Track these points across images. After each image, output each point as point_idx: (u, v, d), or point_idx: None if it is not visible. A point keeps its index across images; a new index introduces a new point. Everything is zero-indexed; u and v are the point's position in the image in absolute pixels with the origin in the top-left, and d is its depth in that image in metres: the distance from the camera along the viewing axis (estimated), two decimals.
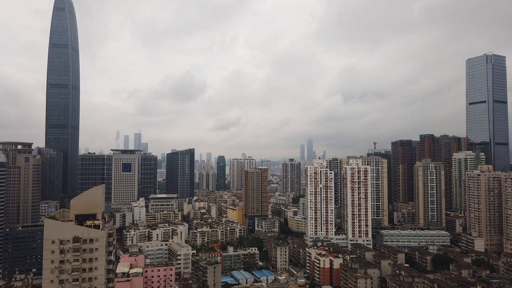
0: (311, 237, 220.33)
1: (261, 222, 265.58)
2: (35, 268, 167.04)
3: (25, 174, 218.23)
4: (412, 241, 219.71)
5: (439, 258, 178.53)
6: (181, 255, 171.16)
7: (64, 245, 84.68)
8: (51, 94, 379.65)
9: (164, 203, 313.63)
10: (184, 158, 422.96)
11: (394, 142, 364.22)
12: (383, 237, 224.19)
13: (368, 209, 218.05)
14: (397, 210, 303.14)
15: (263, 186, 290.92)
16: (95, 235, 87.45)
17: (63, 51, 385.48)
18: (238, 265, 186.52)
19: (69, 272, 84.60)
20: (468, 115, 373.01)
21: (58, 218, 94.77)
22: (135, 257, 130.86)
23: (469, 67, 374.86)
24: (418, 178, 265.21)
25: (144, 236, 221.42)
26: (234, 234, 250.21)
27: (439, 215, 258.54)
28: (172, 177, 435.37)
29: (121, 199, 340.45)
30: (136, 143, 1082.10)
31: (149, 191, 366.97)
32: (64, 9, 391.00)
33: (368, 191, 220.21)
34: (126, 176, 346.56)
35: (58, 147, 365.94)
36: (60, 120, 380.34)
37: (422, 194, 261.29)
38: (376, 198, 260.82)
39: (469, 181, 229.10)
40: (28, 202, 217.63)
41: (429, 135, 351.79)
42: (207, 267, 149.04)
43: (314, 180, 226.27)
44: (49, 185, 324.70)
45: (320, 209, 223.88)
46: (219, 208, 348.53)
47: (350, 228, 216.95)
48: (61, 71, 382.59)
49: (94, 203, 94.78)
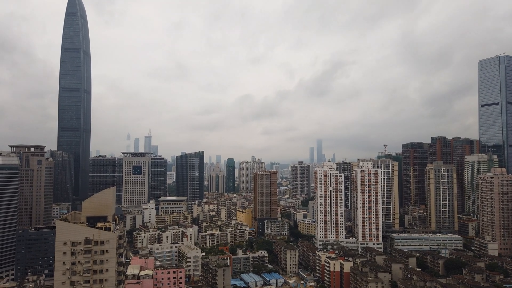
0: (321, 240, 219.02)
1: (271, 225, 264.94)
2: (47, 270, 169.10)
3: (38, 177, 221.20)
4: (423, 245, 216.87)
5: (451, 262, 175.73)
6: (190, 258, 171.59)
7: (76, 247, 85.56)
8: (63, 97, 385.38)
9: (174, 206, 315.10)
10: (194, 161, 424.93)
11: (405, 144, 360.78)
12: (394, 241, 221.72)
13: (378, 212, 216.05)
14: (408, 213, 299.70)
15: (273, 188, 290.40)
16: (106, 237, 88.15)
17: (75, 55, 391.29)
18: (248, 268, 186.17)
19: (80, 273, 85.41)
20: (481, 117, 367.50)
21: (70, 220, 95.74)
22: (145, 259, 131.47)
23: (481, 69, 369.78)
24: (430, 181, 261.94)
25: (154, 238, 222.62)
26: (243, 236, 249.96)
27: (451, 218, 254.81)
28: (182, 180, 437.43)
29: (132, 201, 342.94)
30: (147, 146, 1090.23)
31: (159, 193, 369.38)
32: (76, 14, 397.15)
33: (378, 194, 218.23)
34: (136, 178, 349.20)
35: (70, 150, 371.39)
36: (72, 123, 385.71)
37: (433, 197, 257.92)
38: (387, 201, 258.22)
39: (482, 184, 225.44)
40: (40, 204, 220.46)
41: (441, 138, 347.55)
42: (217, 269, 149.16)
43: (323, 183, 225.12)
44: (61, 188, 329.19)
45: (330, 212, 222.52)
46: (229, 210, 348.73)
47: (361, 231, 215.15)
48: (73, 75, 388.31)
49: (105, 205, 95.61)
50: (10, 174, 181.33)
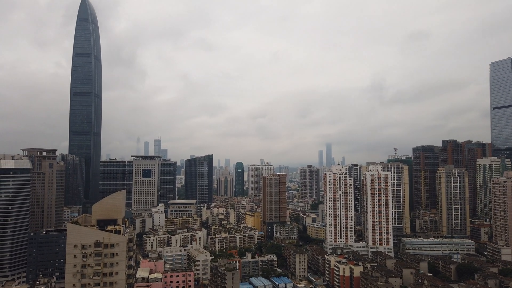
0: (331, 244, 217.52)
1: (280, 229, 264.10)
2: (58, 272, 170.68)
3: (49, 180, 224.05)
4: (435, 250, 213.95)
5: (463, 267, 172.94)
6: (199, 261, 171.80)
7: (86, 250, 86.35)
8: (75, 102, 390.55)
9: (183, 209, 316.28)
10: (203, 164, 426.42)
11: (416, 147, 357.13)
12: (404, 245, 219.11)
13: (389, 216, 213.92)
14: (419, 218, 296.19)
15: (281, 192, 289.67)
16: (116, 240, 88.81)
17: (86, 60, 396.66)
18: (257, 272, 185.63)
19: (90, 276, 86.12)
20: (493, 120, 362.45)
21: (81, 223, 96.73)
22: (154, 262, 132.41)
23: (493, 71, 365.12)
24: (441, 184, 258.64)
25: (164, 242, 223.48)
26: (252, 240, 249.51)
27: (463, 222, 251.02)
28: (191, 183, 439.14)
29: (141, 204, 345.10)
30: (156, 149, 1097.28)
31: (169, 196, 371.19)
32: (87, 19, 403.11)
33: (389, 198, 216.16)
34: (146, 182, 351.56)
35: (81, 154, 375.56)
36: (83, 127, 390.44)
37: (445, 201, 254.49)
38: (397, 205, 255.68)
39: (494, 188, 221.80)
40: (52, 207, 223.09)
41: (452, 141, 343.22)
42: (226, 273, 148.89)
43: (333, 186, 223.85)
44: (72, 191, 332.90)
45: (340, 216, 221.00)
46: (237, 214, 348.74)
47: (371, 235, 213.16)
48: (84, 79, 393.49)
49: (115, 209, 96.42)
50: (23, 178, 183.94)
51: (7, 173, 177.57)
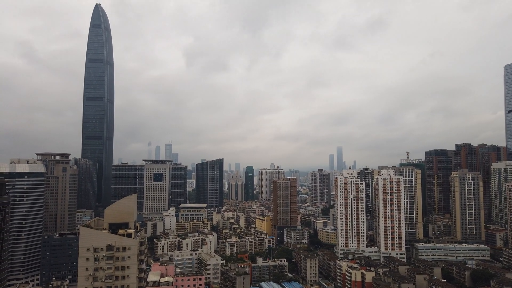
0: (342, 249, 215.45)
1: (290, 233, 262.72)
2: (70, 275, 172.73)
3: (63, 184, 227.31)
4: (449, 255, 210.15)
5: (478, 274, 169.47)
6: (210, 265, 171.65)
7: (98, 253, 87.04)
8: (87, 106, 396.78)
9: (193, 213, 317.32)
10: (213, 168, 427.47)
11: (428, 151, 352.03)
12: (417, 251, 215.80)
13: (401, 221, 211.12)
14: (432, 223, 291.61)
15: (292, 196, 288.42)
16: (128, 243, 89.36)
17: (98, 66, 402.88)
18: (267, 277, 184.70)
19: (102, 279, 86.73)
20: (508, 123, 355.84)
21: (93, 227, 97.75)
22: (165, 266, 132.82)
23: (507, 73, 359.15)
24: (455, 189, 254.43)
25: (174, 245, 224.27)
26: (263, 244, 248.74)
27: (477, 228, 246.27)
28: (201, 187, 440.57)
29: (153, 208, 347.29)
30: (167, 153, 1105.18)
31: (179, 200, 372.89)
32: (100, 25, 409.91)
33: (401, 203, 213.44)
34: (157, 185, 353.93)
35: (93, 158, 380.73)
36: (96, 131, 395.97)
37: (459, 206, 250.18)
38: (410, 209, 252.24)
39: (510, 192, 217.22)
40: (65, 210, 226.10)
41: (466, 144, 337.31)
42: (236, 277, 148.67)
43: (344, 190, 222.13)
44: (84, 194, 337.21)
45: (351, 220, 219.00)
46: (248, 218, 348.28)
47: (383, 240, 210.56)
48: (97, 84, 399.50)
49: (127, 212, 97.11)
50: (37, 181, 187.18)
51: (22, 177, 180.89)
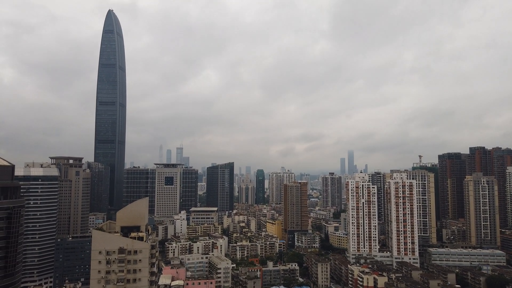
0: (354, 254, 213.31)
1: (301, 237, 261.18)
2: (83, 278, 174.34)
3: (76, 187, 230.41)
4: (463, 261, 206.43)
5: (494, 279, 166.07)
6: (221, 269, 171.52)
7: (110, 256, 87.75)
8: (100, 111, 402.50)
9: (204, 216, 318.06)
10: (224, 172, 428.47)
11: (441, 155, 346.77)
12: (431, 256, 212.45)
13: (414, 226, 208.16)
14: (446, 227, 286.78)
15: (303, 200, 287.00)
16: (139, 246, 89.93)
17: (111, 71, 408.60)
18: (278, 281, 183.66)
19: (114, 282, 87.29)
20: None
21: (105, 230, 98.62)
22: (176, 269, 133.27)
23: None
24: (469, 193, 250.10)
25: (185, 249, 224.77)
26: (273, 248, 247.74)
27: (493, 232, 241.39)
28: (212, 191, 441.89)
29: (164, 211, 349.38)
30: (178, 157, 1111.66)
31: (190, 204, 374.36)
32: (112, 31, 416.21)
33: (414, 207, 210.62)
34: (168, 189, 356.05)
35: (105, 161, 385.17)
36: (108, 135, 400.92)
37: (473, 210, 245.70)
38: (423, 214, 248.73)
39: None
40: (78, 213, 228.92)
41: (480, 148, 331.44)
42: (247, 281, 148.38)
43: (355, 194, 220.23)
44: (97, 198, 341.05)
45: (363, 224, 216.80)
46: (258, 222, 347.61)
47: (395, 245, 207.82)
48: (109, 89, 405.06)
49: (138, 216, 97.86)
50: (50, 185, 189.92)
51: (36, 180, 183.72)
